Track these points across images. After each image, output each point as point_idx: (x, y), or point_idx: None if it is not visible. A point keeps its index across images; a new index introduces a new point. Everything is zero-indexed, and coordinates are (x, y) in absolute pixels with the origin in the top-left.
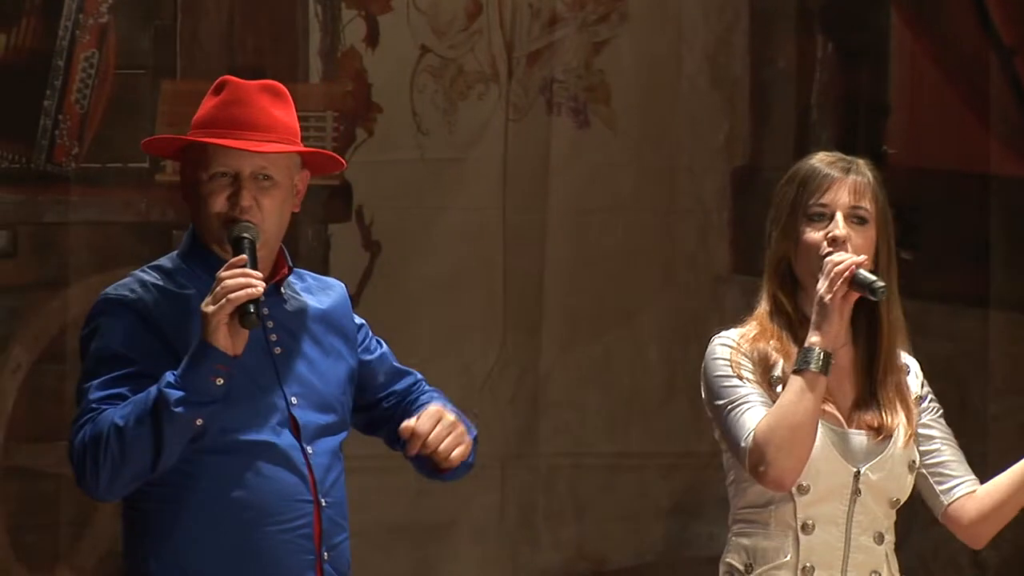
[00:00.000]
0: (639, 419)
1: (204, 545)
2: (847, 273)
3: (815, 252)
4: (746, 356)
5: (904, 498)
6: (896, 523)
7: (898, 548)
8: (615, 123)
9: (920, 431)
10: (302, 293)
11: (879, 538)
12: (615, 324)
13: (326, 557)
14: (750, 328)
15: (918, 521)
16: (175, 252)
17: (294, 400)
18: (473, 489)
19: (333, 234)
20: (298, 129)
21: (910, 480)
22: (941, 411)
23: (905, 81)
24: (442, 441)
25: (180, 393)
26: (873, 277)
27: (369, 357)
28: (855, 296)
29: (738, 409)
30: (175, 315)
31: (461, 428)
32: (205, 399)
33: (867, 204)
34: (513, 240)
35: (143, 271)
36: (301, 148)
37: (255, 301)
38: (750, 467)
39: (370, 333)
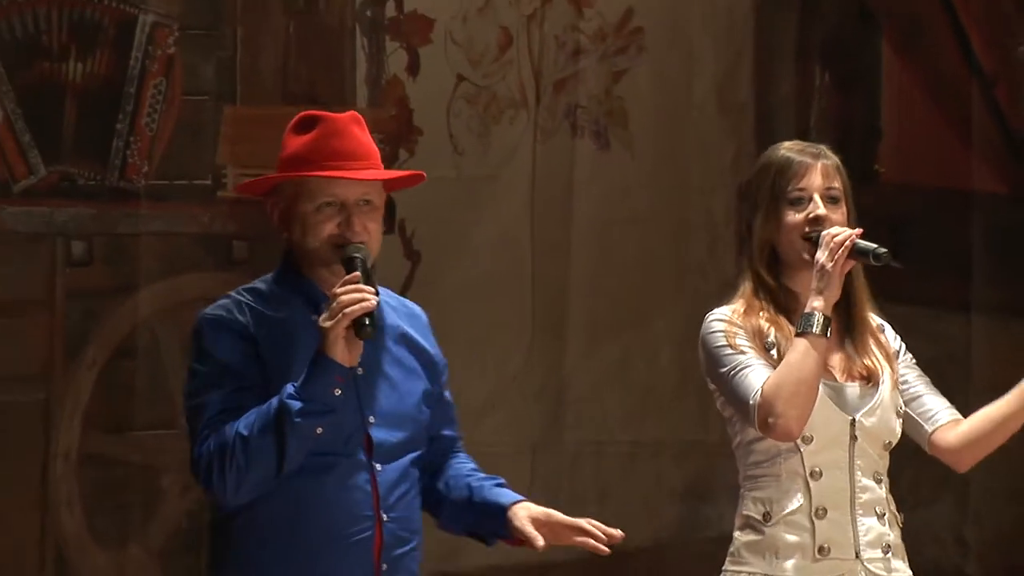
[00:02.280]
0: (654, 411)
1: (276, 560)
2: (848, 243)
3: (797, 232)
4: (741, 328)
5: (895, 441)
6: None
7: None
8: (632, 145)
9: (899, 378)
10: (388, 313)
11: (878, 478)
12: (632, 327)
13: (384, 569)
14: (739, 305)
15: (904, 504)
16: (269, 276)
17: (372, 419)
18: (505, 474)
19: None
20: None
21: (899, 424)
22: (915, 360)
23: (895, 107)
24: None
25: (300, 404)
26: (873, 244)
27: (443, 391)
28: (850, 265)
29: (742, 372)
30: (268, 335)
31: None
32: (324, 408)
33: (837, 184)
34: (540, 251)
35: (238, 293)
36: (402, 173)
37: (370, 314)
38: (759, 421)
39: (443, 371)
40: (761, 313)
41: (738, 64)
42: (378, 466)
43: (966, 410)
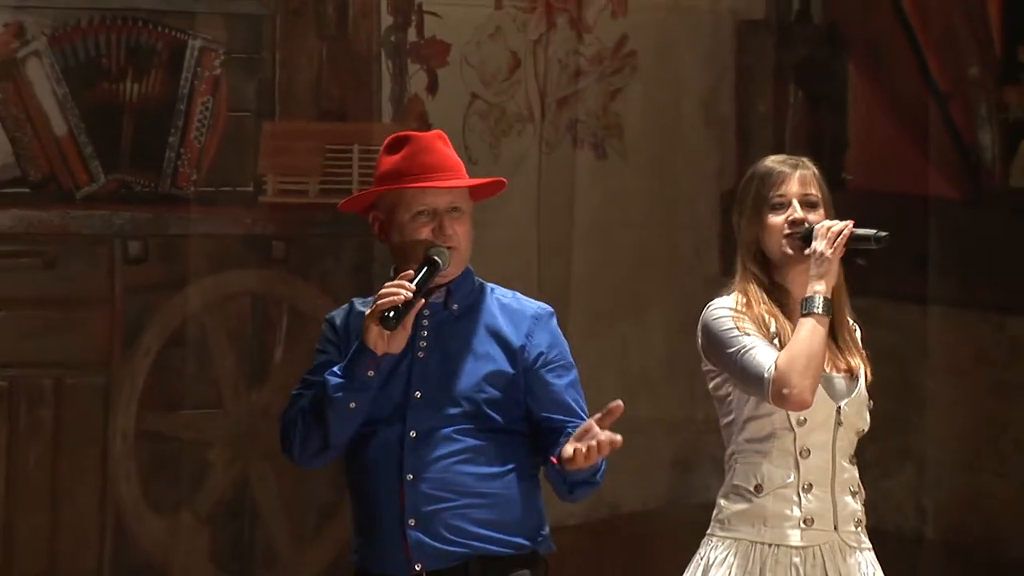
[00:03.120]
0: (647, 392)
1: (354, 508)
2: (847, 231)
3: (779, 233)
4: (745, 315)
5: (866, 429)
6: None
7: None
8: (627, 155)
9: None
10: (487, 308)
11: (852, 461)
12: (628, 317)
13: (412, 524)
14: (739, 296)
15: (867, 476)
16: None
17: (417, 395)
18: None
19: None
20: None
21: (868, 415)
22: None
23: (860, 122)
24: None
25: (339, 381)
26: (872, 230)
27: (546, 379)
28: (843, 252)
29: (751, 352)
30: (359, 330)
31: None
32: (358, 387)
33: (814, 191)
34: (545, 249)
35: (359, 300)
36: (485, 180)
37: (396, 307)
38: (774, 392)
39: (557, 360)
40: (761, 305)
41: (721, 84)
42: (412, 433)
43: (922, 383)
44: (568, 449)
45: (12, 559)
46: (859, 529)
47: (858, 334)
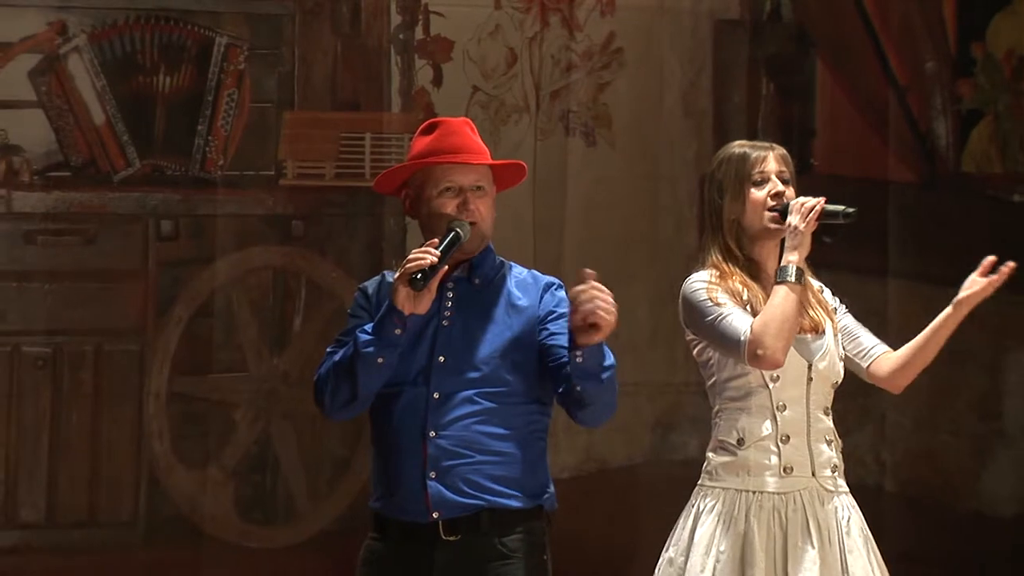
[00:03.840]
0: (632, 358)
1: (376, 460)
2: (819, 207)
3: (761, 207)
4: (719, 287)
5: (840, 381)
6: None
7: None
8: (614, 143)
9: (840, 327)
10: (505, 282)
11: (826, 412)
12: (614, 290)
13: (433, 476)
14: (713, 270)
15: None
16: None
17: (441, 359)
18: None
19: (409, 223)
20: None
21: (842, 366)
22: (848, 312)
23: (826, 112)
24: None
25: (369, 338)
26: (841, 206)
27: (560, 325)
28: (816, 226)
29: (728, 318)
30: (387, 297)
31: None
32: (386, 343)
33: (787, 169)
34: (540, 228)
35: (389, 272)
36: (506, 162)
37: (423, 270)
38: (749, 354)
39: (561, 313)
40: (734, 277)
41: (699, 77)
42: (436, 394)
43: None
44: (575, 319)
45: (56, 508)
46: (836, 474)
47: (827, 294)
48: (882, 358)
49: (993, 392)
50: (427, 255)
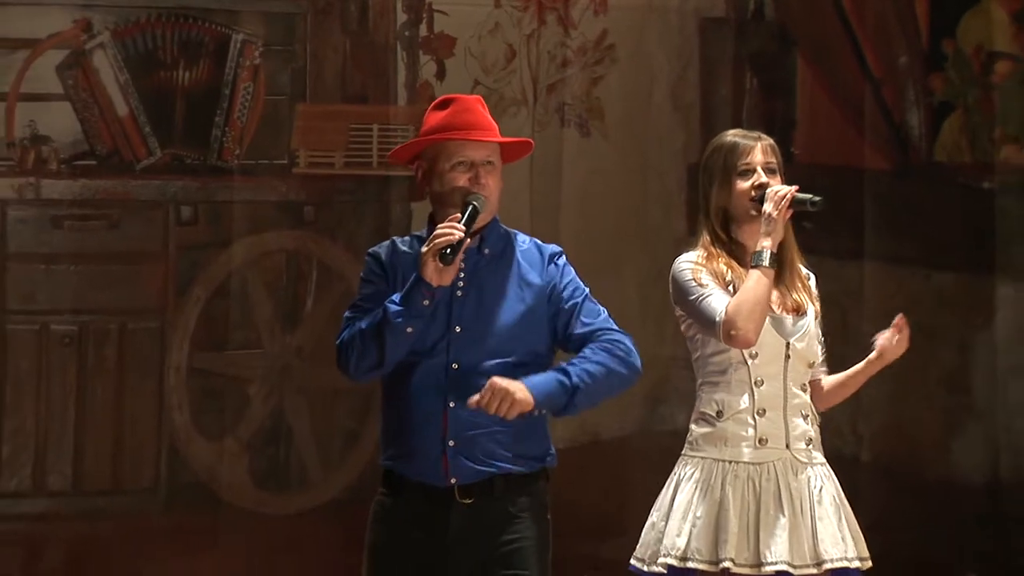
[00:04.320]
0: None
1: (393, 424)
2: (790, 195)
3: (745, 196)
4: (704, 268)
5: (817, 361)
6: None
7: None
8: (607, 134)
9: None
10: (514, 253)
11: (804, 388)
12: (607, 272)
13: (452, 444)
14: (701, 251)
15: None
16: (424, 230)
17: (457, 330)
18: None
19: (414, 209)
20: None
21: (820, 348)
22: (817, 320)
23: (806, 105)
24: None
25: (398, 308)
26: (809, 195)
27: (568, 302)
28: (790, 213)
29: (708, 298)
30: (399, 264)
31: (507, 394)
32: (415, 314)
33: (774, 159)
34: (537, 214)
35: (399, 239)
36: (516, 140)
37: (452, 245)
38: (724, 333)
39: (571, 285)
40: (720, 259)
41: (687, 72)
42: (454, 364)
43: (859, 327)
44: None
45: (82, 477)
46: (810, 447)
47: (812, 281)
48: (816, 383)
49: (961, 368)
50: (454, 230)
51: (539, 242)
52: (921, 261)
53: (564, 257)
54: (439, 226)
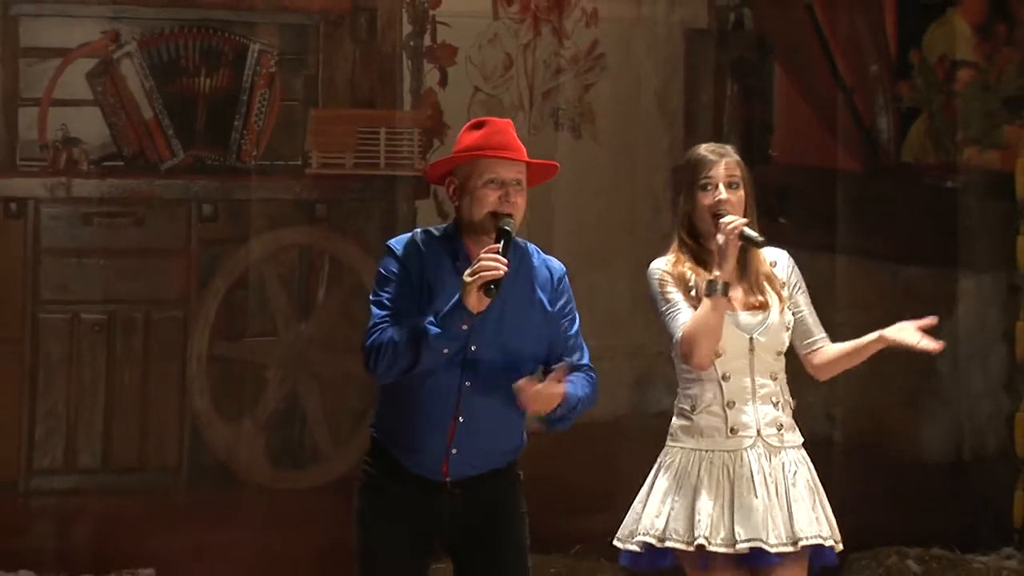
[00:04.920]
0: (613, 326)
1: (400, 419)
2: (737, 230)
3: (706, 210)
4: (671, 275)
5: (784, 349)
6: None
7: None
8: (598, 137)
9: (791, 300)
10: (529, 273)
11: (773, 376)
12: (598, 266)
13: (454, 452)
14: (671, 257)
15: (790, 391)
16: (442, 226)
17: (474, 348)
18: None
19: (419, 207)
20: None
21: (786, 336)
22: (804, 289)
23: (783, 109)
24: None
25: (437, 331)
26: (755, 233)
27: (562, 328)
28: (739, 244)
29: (672, 314)
30: (417, 265)
31: (549, 394)
32: (452, 336)
33: (737, 174)
34: (533, 212)
35: (416, 232)
36: (544, 162)
37: (497, 280)
38: (681, 353)
39: (570, 314)
40: (685, 264)
41: (672, 80)
42: (467, 383)
43: (832, 317)
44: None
45: (110, 456)
46: (782, 431)
47: (783, 261)
48: (820, 352)
49: (926, 356)
50: (499, 265)
51: (547, 259)
52: (889, 255)
53: (567, 278)
54: (482, 256)
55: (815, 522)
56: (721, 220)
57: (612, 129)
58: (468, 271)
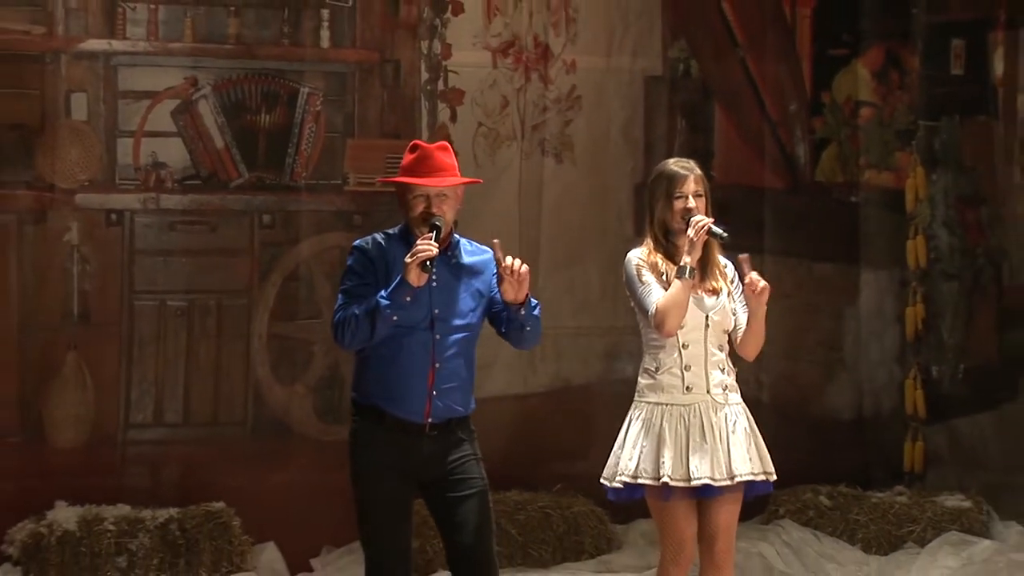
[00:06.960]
0: (587, 310)
1: (381, 379)
2: (706, 226)
3: (678, 216)
4: (646, 263)
5: (730, 328)
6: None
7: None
8: (576, 161)
9: (735, 297)
10: (463, 254)
11: (721, 348)
12: (575, 263)
13: (435, 394)
14: (645, 249)
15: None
16: (396, 228)
17: (437, 311)
18: (495, 345)
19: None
20: (457, 166)
21: (732, 319)
22: (741, 290)
23: (721, 140)
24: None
25: (387, 302)
26: (720, 230)
27: (495, 292)
28: (705, 238)
29: (646, 292)
30: (381, 258)
31: (522, 273)
32: (399, 306)
33: (701, 185)
34: (524, 221)
35: (379, 234)
36: (466, 180)
37: (431, 259)
38: (655, 324)
39: (495, 271)
40: (658, 255)
41: (634, 116)
42: (437, 336)
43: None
44: (506, 291)
45: (190, 413)
46: (726, 391)
47: (729, 269)
48: (735, 339)
49: (835, 332)
50: (430, 247)
51: (475, 243)
52: (806, 255)
53: (491, 256)
54: (419, 242)
55: (748, 461)
56: (693, 218)
57: (587, 155)
58: (408, 254)
